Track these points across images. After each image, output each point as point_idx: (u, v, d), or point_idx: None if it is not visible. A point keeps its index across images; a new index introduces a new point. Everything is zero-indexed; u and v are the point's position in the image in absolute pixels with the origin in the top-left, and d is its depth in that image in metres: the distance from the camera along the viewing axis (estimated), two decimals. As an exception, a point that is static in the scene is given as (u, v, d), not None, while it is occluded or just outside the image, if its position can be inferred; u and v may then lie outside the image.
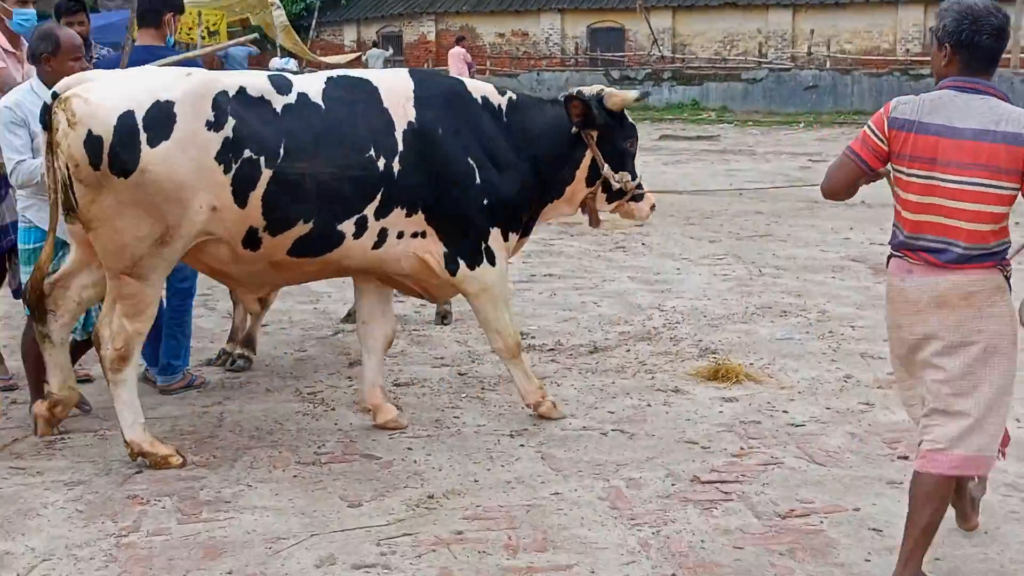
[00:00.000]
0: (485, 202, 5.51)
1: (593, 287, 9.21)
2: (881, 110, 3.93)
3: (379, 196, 5.25)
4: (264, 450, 5.39)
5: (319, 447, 5.45)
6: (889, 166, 3.92)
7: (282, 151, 5.04)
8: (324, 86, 5.28)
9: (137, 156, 4.76)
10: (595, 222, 6.15)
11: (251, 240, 5.11)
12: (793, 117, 28.63)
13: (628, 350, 7.22)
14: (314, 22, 41.15)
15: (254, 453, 5.35)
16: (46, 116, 4.87)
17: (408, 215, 5.37)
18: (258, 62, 42.52)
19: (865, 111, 29.25)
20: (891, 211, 3.96)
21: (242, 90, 5.05)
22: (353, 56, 38.36)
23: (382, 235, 5.34)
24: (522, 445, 5.48)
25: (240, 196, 4.99)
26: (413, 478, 5.05)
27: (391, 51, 37.91)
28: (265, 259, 5.23)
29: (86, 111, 4.76)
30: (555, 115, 5.79)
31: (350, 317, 7.61)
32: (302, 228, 5.14)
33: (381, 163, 5.24)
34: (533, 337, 7.56)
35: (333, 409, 6.05)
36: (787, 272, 9.78)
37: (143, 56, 6.01)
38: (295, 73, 9.43)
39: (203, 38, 35.00)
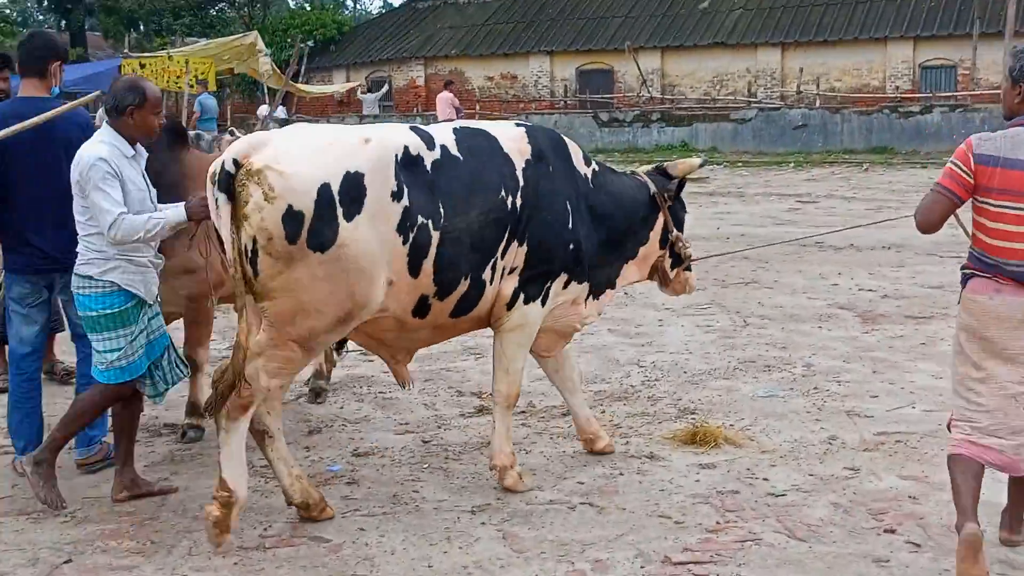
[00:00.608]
0: (571, 247, 5.50)
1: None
2: (963, 146, 4.42)
3: (506, 234, 5.21)
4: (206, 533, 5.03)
5: (265, 528, 5.09)
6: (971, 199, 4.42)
7: (442, 210, 4.95)
8: (455, 136, 5.17)
9: (336, 231, 4.59)
10: (666, 282, 6.24)
11: (421, 309, 5.05)
12: (783, 157, 28.44)
13: (603, 411, 6.88)
14: (303, 68, 41.06)
15: (195, 537, 4.98)
16: (227, 183, 4.60)
17: (519, 246, 5.31)
18: (247, 110, 42.49)
19: (855, 150, 29.12)
20: (881, 255, 3.67)
21: (406, 150, 4.91)
22: (353, 85, 38.23)
23: (500, 274, 5.30)
24: (483, 523, 5.12)
25: (414, 266, 4.89)
26: (363, 564, 4.69)
27: (385, 90, 37.81)
28: (430, 325, 5.20)
29: (285, 185, 4.55)
30: (632, 181, 5.99)
31: (317, 395, 7.23)
32: (463, 286, 5.12)
33: (509, 201, 5.20)
34: (504, 398, 7.23)
35: (286, 484, 5.70)
36: (772, 322, 9.46)
37: (23, 108, 5.61)
38: (284, 121, 9.15)
39: (191, 86, 35.00)
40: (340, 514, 5.23)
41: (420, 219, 4.83)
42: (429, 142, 5.01)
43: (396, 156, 4.83)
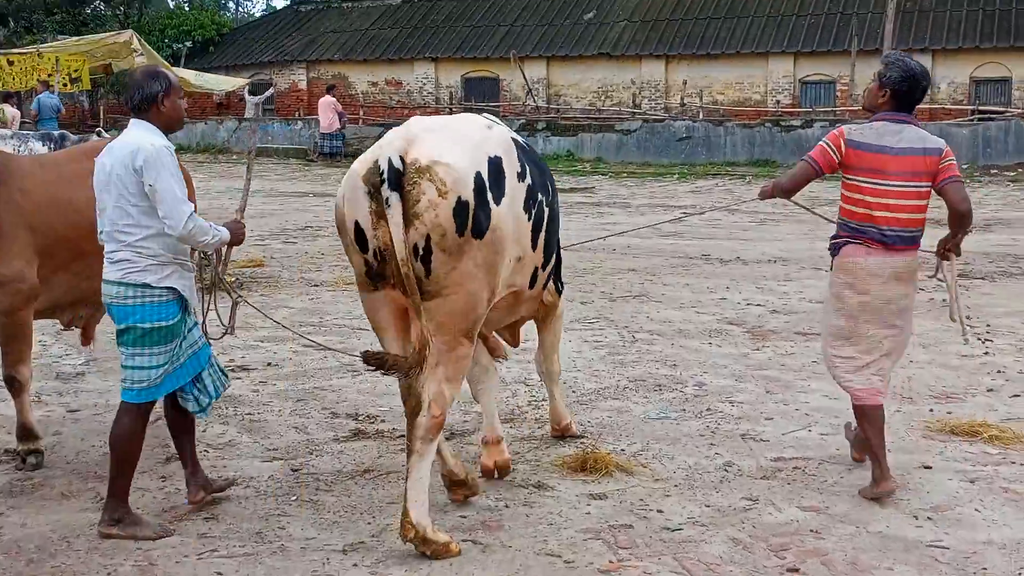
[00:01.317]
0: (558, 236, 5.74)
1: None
2: (836, 132, 5.48)
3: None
4: (42, 580, 4.48)
5: (110, 572, 4.56)
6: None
7: (549, 187, 5.39)
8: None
9: (490, 216, 4.72)
10: None
11: (534, 280, 5.36)
12: (667, 168, 28.44)
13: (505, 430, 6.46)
14: (181, 69, 39.92)
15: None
16: (399, 181, 4.54)
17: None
18: (122, 110, 41.11)
19: (738, 162, 29.29)
20: (767, 268, 3.31)
21: (514, 136, 5.24)
22: (243, 82, 37.11)
23: None
24: (355, 564, 4.66)
25: (535, 240, 5.18)
26: (219, 614, 4.20)
27: (270, 93, 36.87)
28: (535, 297, 5.52)
29: (455, 178, 4.60)
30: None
31: None
32: (554, 258, 5.61)
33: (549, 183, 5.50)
34: (382, 421, 6.77)
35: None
36: (662, 338, 9.16)
37: None
38: None
39: (64, 85, 33.69)
40: (196, 555, 4.72)
41: (539, 196, 5.18)
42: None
43: (513, 139, 5.14)
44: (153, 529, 4.94)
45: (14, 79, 32.86)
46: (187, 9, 46.16)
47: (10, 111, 25.00)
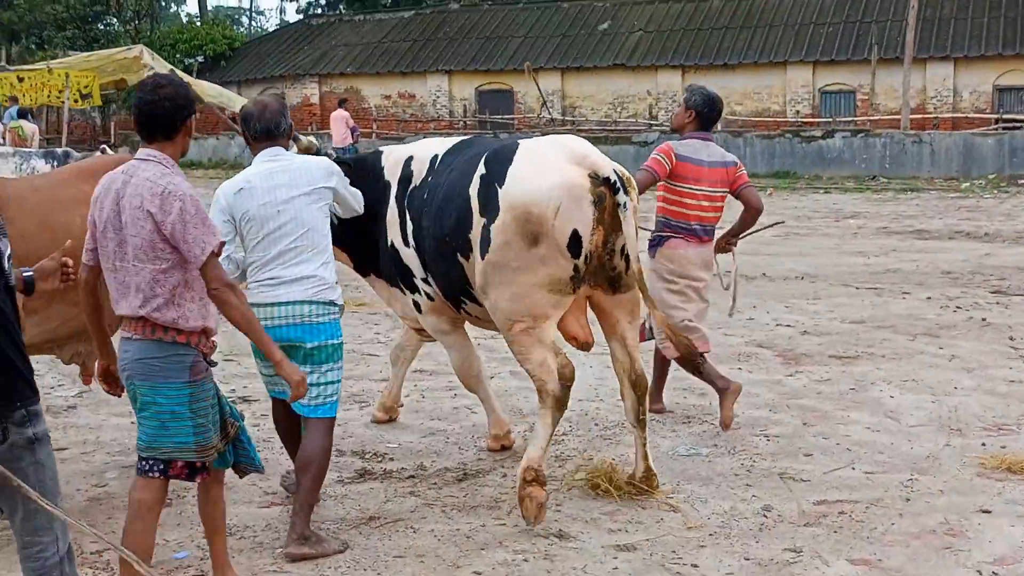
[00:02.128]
0: None
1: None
2: (667, 146, 6.71)
3: None
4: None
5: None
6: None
7: None
8: None
9: None
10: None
11: None
12: (686, 180, 27.92)
13: (505, 475, 5.98)
14: (196, 79, 39.65)
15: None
16: (627, 191, 5.23)
17: None
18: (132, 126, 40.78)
19: (758, 173, 28.75)
20: (795, 285, 2.80)
21: None
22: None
23: None
24: (358, 633, 4.17)
25: None
26: None
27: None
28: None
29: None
30: None
31: None
32: None
33: None
34: (390, 459, 6.29)
35: (119, 578, 4.67)
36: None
37: None
38: None
39: (75, 101, 33.39)
40: (179, 623, 4.23)
41: None
42: None
43: None
44: (334, 545, 4.91)
45: (24, 96, 32.58)
46: (198, 23, 45.86)
47: (29, 127, 24.67)
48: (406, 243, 5.89)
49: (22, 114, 27.16)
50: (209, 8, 57.71)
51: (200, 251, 3.98)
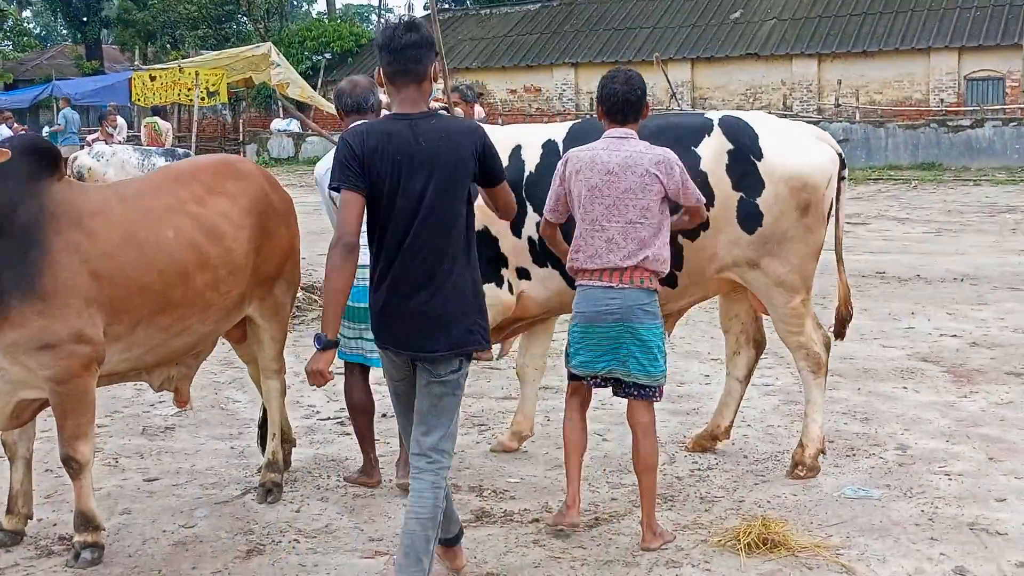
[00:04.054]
0: None
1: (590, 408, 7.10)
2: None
3: None
4: None
5: None
6: None
7: None
8: None
9: None
10: None
11: None
12: (824, 173, 26.60)
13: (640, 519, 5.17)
14: (320, 81, 39.72)
15: None
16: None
17: None
18: (262, 123, 40.99)
19: (901, 165, 27.36)
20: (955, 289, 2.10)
21: None
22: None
23: None
24: None
25: None
26: None
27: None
28: None
29: None
30: None
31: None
32: None
33: None
34: (512, 497, 5.55)
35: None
36: (844, 380, 7.73)
37: None
38: (298, 135, 7.88)
39: (202, 99, 33.60)
40: None
41: None
42: None
43: None
44: None
45: (155, 94, 32.98)
46: (326, 21, 45.91)
47: (164, 124, 24.68)
48: (517, 235, 5.58)
49: (156, 111, 27.34)
50: (339, 6, 58.00)
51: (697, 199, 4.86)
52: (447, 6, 49.30)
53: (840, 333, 6.26)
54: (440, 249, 3.91)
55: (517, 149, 5.61)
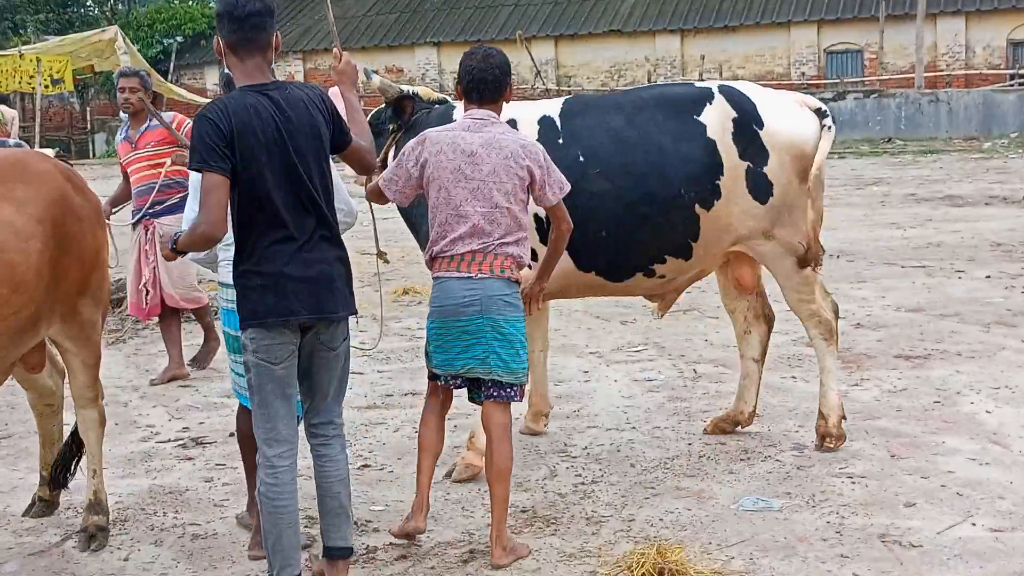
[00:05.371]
0: None
1: (457, 410, 6.25)
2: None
3: None
4: None
5: None
6: None
7: None
8: None
9: None
10: None
11: None
12: (691, 149, 26.50)
13: (528, 549, 4.58)
14: (172, 65, 38.24)
15: None
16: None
17: None
18: (111, 111, 39.23)
19: (766, 140, 27.37)
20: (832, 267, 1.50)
21: None
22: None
23: None
24: None
25: None
26: None
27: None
28: None
29: None
30: None
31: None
32: None
33: None
34: (376, 530, 4.89)
35: None
36: (730, 371, 7.27)
37: None
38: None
39: (46, 87, 31.88)
40: None
41: None
42: None
43: None
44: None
45: (-5, 82, 31.16)
46: (176, 3, 44.23)
47: (9, 112, 23.10)
48: None
49: (1, 99, 25.76)
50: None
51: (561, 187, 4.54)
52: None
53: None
54: (324, 216, 3.90)
55: (512, 124, 5.24)
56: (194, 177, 4.66)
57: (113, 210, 7.79)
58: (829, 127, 5.52)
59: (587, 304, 9.51)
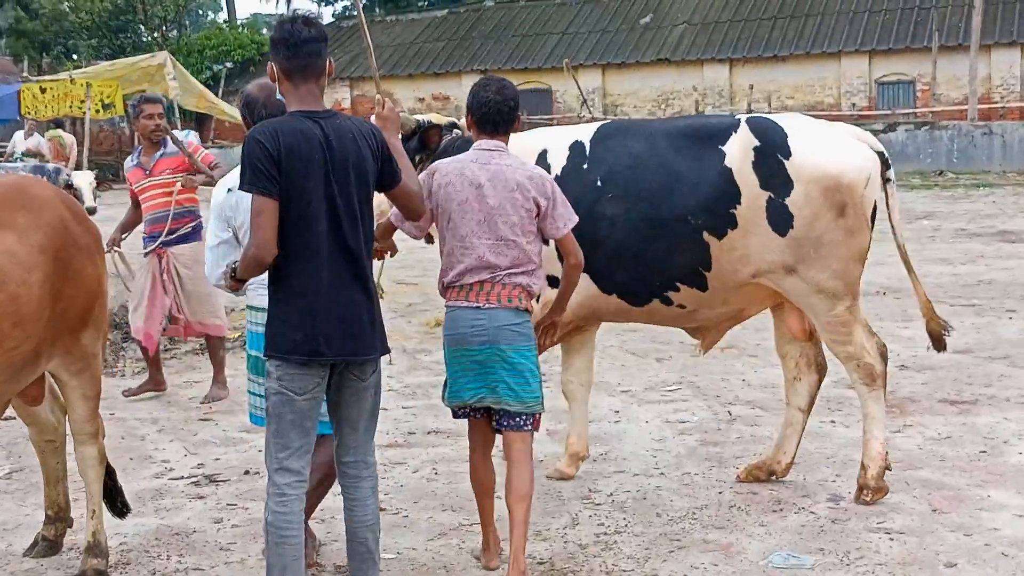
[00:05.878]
0: None
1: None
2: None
3: None
4: None
5: None
6: None
7: None
8: None
9: None
10: None
11: None
12: (737, 180, 26.18)
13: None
14: (220, 91, 38.49)
15: None
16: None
17: None
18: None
19: (814, 171, 26.97)
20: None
21: None
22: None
23: None
24: None
25: None
26: None
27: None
28: None
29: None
30: None
31: None
32: None
33: None
34: (384, 578, 4.67)
35: None
36: (767, 413, 7.01)
37: None
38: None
39: (96, 112, 32.16)
40: None
41: None
42: None
43: None
44: None
45: (46, 107, 31.45)
46: (226, 29, 44.59)
47: (68, 137, 23.26)
48: (545, 242, 5.00)
49: (59, 124, 25.96)
50: (246, 15, 56.61)
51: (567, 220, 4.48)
52: (353, 14, 48.23)
53: (938, 348, 5.88)
54: (360, 251, 3.85)
55: (543, 154, 5.43)
56: (214, 202, 4.56)
57: (122, 236, 7.80)
58: (889, 179, 5.36)
59: (623, 340, 9.27)
